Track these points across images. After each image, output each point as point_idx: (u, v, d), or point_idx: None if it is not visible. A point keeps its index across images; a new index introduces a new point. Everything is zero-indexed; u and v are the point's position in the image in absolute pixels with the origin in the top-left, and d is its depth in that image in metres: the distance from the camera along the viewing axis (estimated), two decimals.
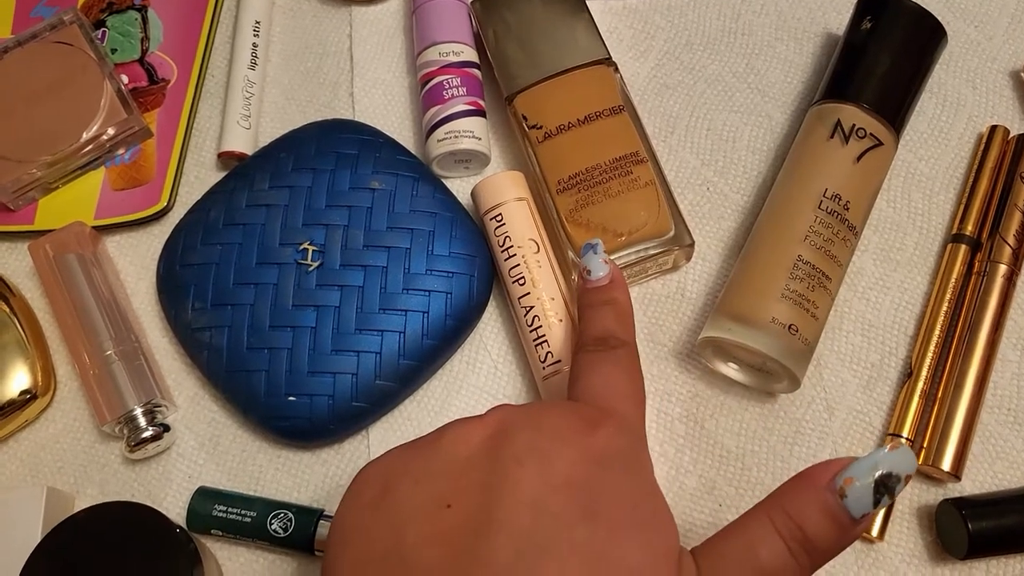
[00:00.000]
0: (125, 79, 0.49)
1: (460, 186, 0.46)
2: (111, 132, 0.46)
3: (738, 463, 0.40)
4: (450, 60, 0.45)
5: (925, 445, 0.39)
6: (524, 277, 0.41)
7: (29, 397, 0.42)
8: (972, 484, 0.39)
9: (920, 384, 0.40)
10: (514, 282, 0.41)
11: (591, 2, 0.46)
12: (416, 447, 0.30)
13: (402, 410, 0.42)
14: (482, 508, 0.26)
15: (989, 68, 0.48)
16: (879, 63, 0.42)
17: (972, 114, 0.47)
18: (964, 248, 0.43)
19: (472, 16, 0.47)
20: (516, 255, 0.41)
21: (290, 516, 0.39)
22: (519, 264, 0.41)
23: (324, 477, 0.41)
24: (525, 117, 0.43)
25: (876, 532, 0.38)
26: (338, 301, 0.41)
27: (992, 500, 0.38)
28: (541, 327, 0.40)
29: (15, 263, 0.46)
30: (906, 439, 0.39)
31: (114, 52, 0.49)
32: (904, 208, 0.45)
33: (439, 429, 0.30)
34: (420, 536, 0.27)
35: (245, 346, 0.41)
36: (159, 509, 0.36)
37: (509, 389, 0.42)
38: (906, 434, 0.39)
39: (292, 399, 0.40)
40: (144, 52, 0.50)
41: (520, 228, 0.42)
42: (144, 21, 0.50)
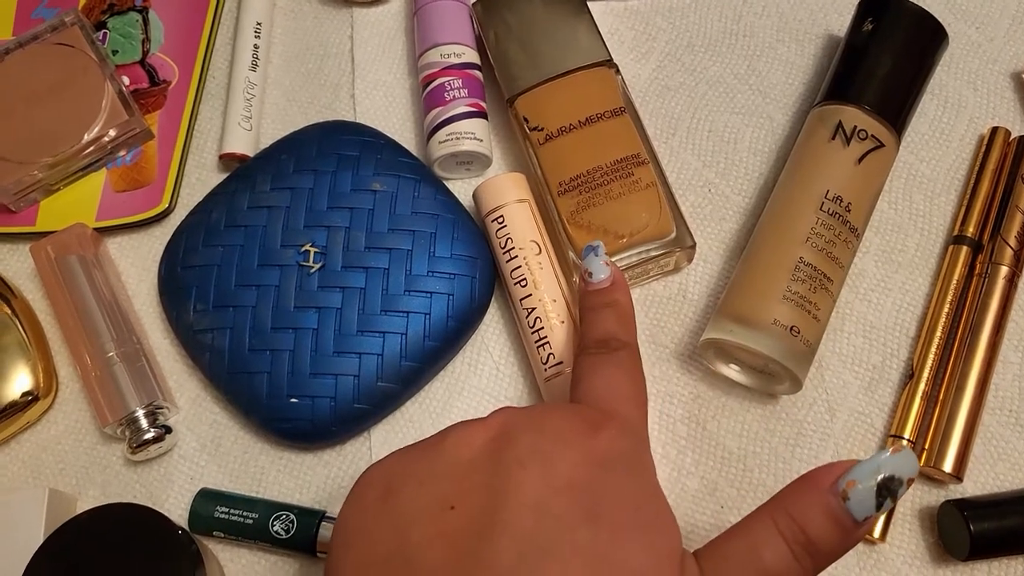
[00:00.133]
0: (126, 81, 0.49)
1: (462, 188, 0.46)
2: (112, 134, 0.46)
3: (740, 464, 0.40)
4: (451, 62, 0.45)
5: (927, 447, 0.39)
6: (526, 278, 0.41)
7: (31, 399, 0.42)
8: (974, 485, 0.39)
9: (922, 386, 0.40)
10: (516, 284, 0.41)
11: (592, 4, 0.46)
12: (419, 449, 0.30)
13: (404, 411, 0.42)
14: (485, 510, 0.27)
15: (990, 70, 0.48)
16: (880, 65, 0.42)
17: (973, 116, 0.47)
18: (965, 250, 0.43)
19: (473, 18, 0.47)
20: (518, 257, 0.41)
21: (292, 518, 0.39)
22: (521, 266, 0.41)
23: (326, 479, 0.41)
24: (526, 119, 0.43)
25: (878, 533, 0.38)
26: (340, 303, 0.41)
27: (994, 501, 0.38)
28: (543, 328, 0.40)
29: (17, 264, 0.46)
30: (908, 440, 0.39)
31: (115, 53, 0.49)
32: (905, 210, 0.45)
33: (442, 432, 0.30)
34: (423, 537, 0.27)
35: (247, 348, 0.41)
36: (161, 511, 0.36)
37: (511, 390, 0.42)
38: (908, 436, 0.39)
39: (294, 401, 0.40)
40: (145, 54, 0.50)
41: (522, 230, 0.42)
42: (145, 23, 0.50)
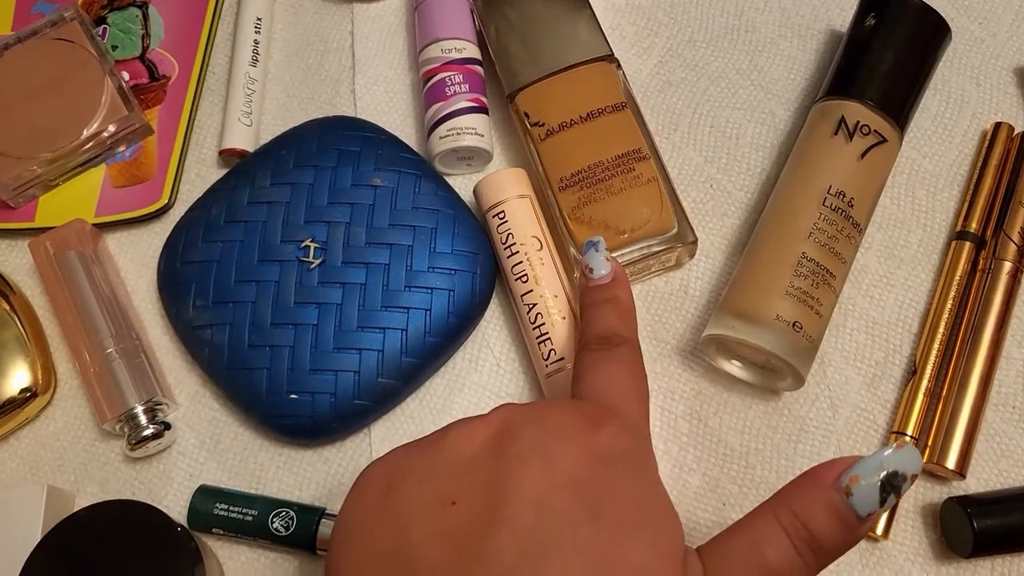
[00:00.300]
0: (126, 76, 0.48)
1: (462, 183, 0.46)
2: (112, 129, 0.46)
3: (742, 461, 0.40)
4: (452, 57, 0.45)
5: (930, 443, 0.39)
6: (527, 274, 0.41)
7: (29, 395, 0.41)
8: (977, 482, 0.39)
9: (924, 382, 0.40)
10: (517, 279, 0.41)
11: None
12: (420, 446, 0.30)
13: (404, 408, 0.42)
14: (486, 507, 0.26)
15: (993, 65, 0.47)
16: (883, 60, 0.42)
17: (976, 111, 0.46)
18: (968, 245, 0.42)
19: (474, 12, 0.47)
20: (519, 252, 0.41)
21: (292, 515, 0.38)
22: (522, 261, 0.41)
23: (326, 475, 0.41)
24: (527, 114, 0.43)
25: (881, 530, 0.38)
26: (340, 298, 0.41)
27: (997, 498, 0.37)
28: (544, 324, 0.40)
29: (15, 260, 0.46)
30: (910, 437, 0.39)
31: (115, 49, 0.49)
32: (908, 205, 0.45)
33: (443, 428, 0.30)
34: (424, 534, 0.26)
35: (246, 344, 0.40)
36: (160, 507, 0.36)
37: (512, 387, 0.42)
38: (911, 432, 0.39)
39: (294, 397, 0.40)
40: (145, 49, 0.49)
41: (523, 225, 0.41)
42: (145, 18, 0.50)
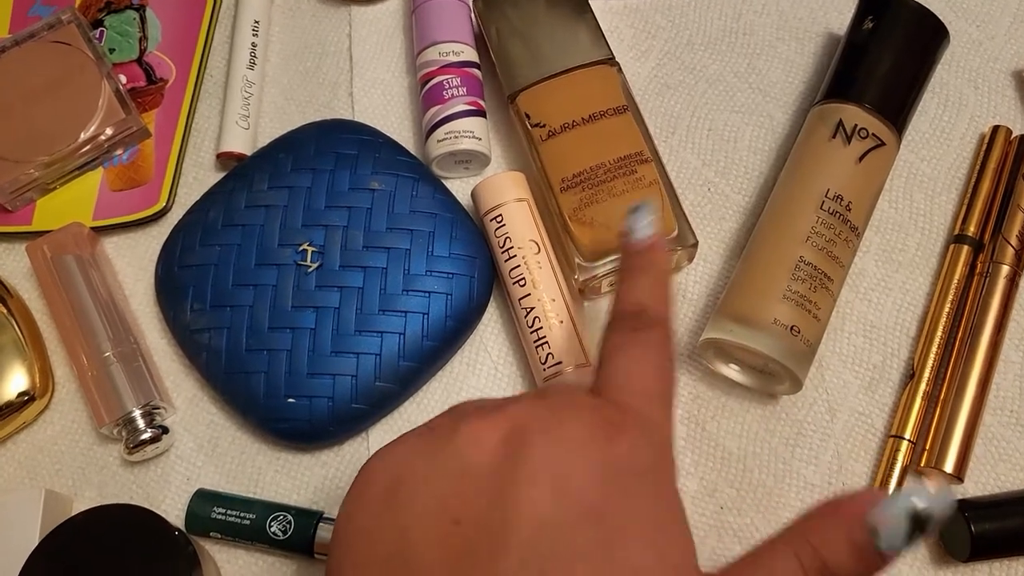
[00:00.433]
0: (123, 79, 0.48)
1: (460, 187, 0.46)
2: (109, 132, 0.46)
3: (740, 465, 0.40)
4: (450, 60, 0.45)
5: (927, 447, 0.39)
6: (524, 278, 0.41)
7: (27, 399, 0.41)
8: (975, 486, 0.39)
9: (922, 385, 0.40)
10: (514, 283, 0.41)
11: (592, 1, 0.46)
12: (425, 440, 0.28)
13: (402, 412, 0.42)
14: (493, 526, 0.26)
15: (991, 68, 0.47)
16: (881, 63, 0.42)
17: (974, 114, 0.46)
18: (966, 249, 0.42)
19: (474, 13, 0.47)
20: (516, 256, 0.41)
21: (289, 518, 0.38)
22: (519, 265, 0.41)
23: (323, 479, 0.41)
24: (528, 115, 0.43)
25: None
26: (337, 302, 0.41)
27: (995, 502, 0.38)
28: (541, 328, 0.40)
29: (13, 264, 0.46)
30: (908, 440, 0.39)
31: (112, 52, 0.49)
32: (906, 209, 0.45)
33: (452, 420, 0.28)
34: (426, 541, 0.26)
35: (244, 348, 0.40)
36: (158, 511, 0.35)
37: (509, 391, 0.42)
38: (908, 436, 0.39)
39: (291, 401, 0.40)
40: (142, 52, 0.49)
41: (520, 229, 0.41)
42: (142, 21, 0.50)
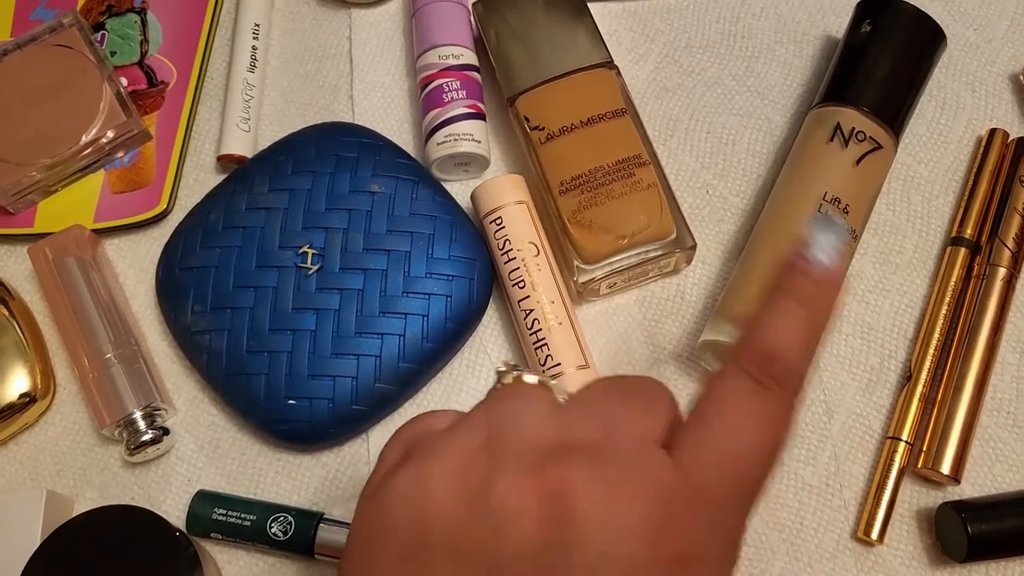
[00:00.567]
0: (124, 82, 0.49)
1: (460, 189, 0.46)
2: (110, 135, 0.46)
3: None
4: (450, 63, 0.45)
5: (925, 448, 0.39)
6: (524, 280, 0.41)
7: (28, 400, 0.42)
8: (971, 487, 0.39)
9: (919, 387, 0.40)
10: (514, 285, 0.41)
11: (590, 5, 0.46)
12: (458, 489, 0.23)
13: (402, 413, 0.42)
14: None
15: (988, 71, 0.48)
16: (878, 66, 0.42)
17: (971, 117, 0.47)
18: (963, 251, 0.43)
19: (473, 17, 0.47)
20: (516, 258, 0.41)
21: (290, 519, 0.39)
22: (519, 267, 0.41)
23: (324, 480, 0.41)
24: (527, 118, 0.43)
25: (876, 535, 0.38)
26: (338, 304, 0.41)
27: (991, 503, 0.38)
28: (540, 330, 0.40)
29: (14, 266, 0.46)
30: (905, 442, 0.39)
31: (113, 55, 0.49)
32: (903, 211, 0.45)
33: (491, 463, 0.22)
34: None
35: (245, 349, 0.41)
36: (159, 512, 0.36)
37: None
38: (906, 437, 0.39)
39: (292, 402, 0.40)
40: (143, 55, 0.50)
41: (520, 231, 0.42)
42: (143, 24, 0.50)
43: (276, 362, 0.40)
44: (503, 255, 0.42)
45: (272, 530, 0.38)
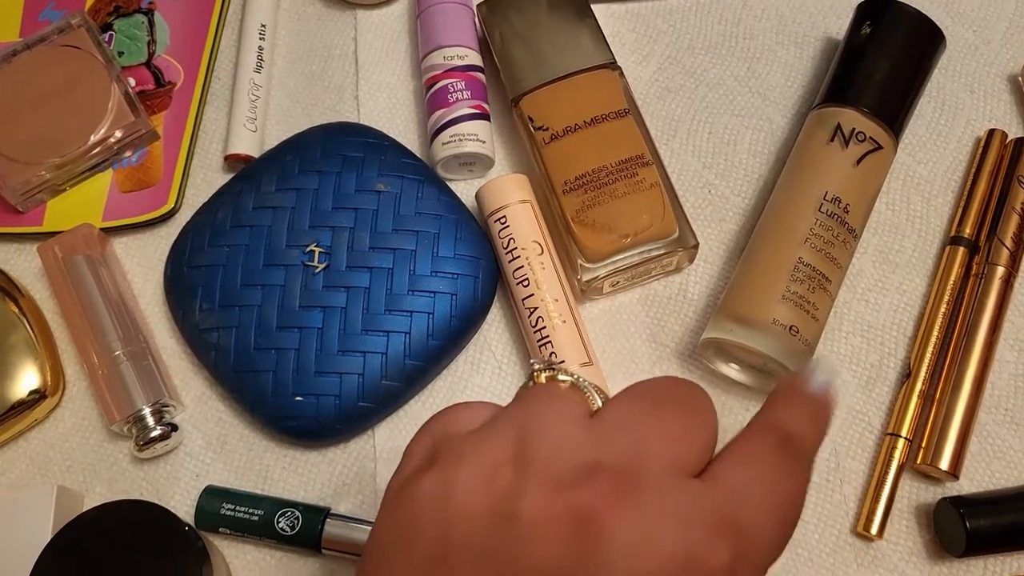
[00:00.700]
0: (132, 82, 0.49)
1: (465, 189, 0.47)
2: (118, 135, 0.46)
3: None
4: (454, 64, 0.46)
5: (924, 445, 0.39)
6: (528, 279, 0.41)
7: (38, 397, 0.42)
8: (970, 483, 0.40)
9: (919, 384, 0.41)
10: (518, 283, 0.41)
11: (593, 6, 0.47)
12: (486, 495, 0.22)
13: (408, 410, 0.42)
14: None
15: (987, 72, 0.48)
16: (879, 67, 0.43)
17: (970, 118, 0.47)
18: (962, 250, 0.43)
19: (478, 18, 0.47)
20: (520, 257, 0.42)
21: (297, 514, 0.39)
22: (523, 266, 0.41)
23: (331, 476, 0.41)
24: (531, 118, 0.44)
25: (875, 530, 0.38)
26: (344, 302, 0.41)
27: (990, 499, 0.38)
28: (545, 328, 0.40)
29: (24, 264, 0.47)
30: (905, 438, 0.40)
31: (121, 55, 0.50)
32: (903, 211, 0.45)
33: (517, 476, 0.22)
34: None
35: (252, 347, 0.41)
36: (167, 507, 0.36)
37: (513, 390, 0.43)
38: (905, 434, 0.40)
39: (299, 399, 0.40)
40: (151, 55, 0.50)
41: (524, 230, 0.42)
42: (151, 24, 0.51)
43: (283, 359, 0.41)
44: (507, 254, 0.42)
45: (280, 525, 0.39)
